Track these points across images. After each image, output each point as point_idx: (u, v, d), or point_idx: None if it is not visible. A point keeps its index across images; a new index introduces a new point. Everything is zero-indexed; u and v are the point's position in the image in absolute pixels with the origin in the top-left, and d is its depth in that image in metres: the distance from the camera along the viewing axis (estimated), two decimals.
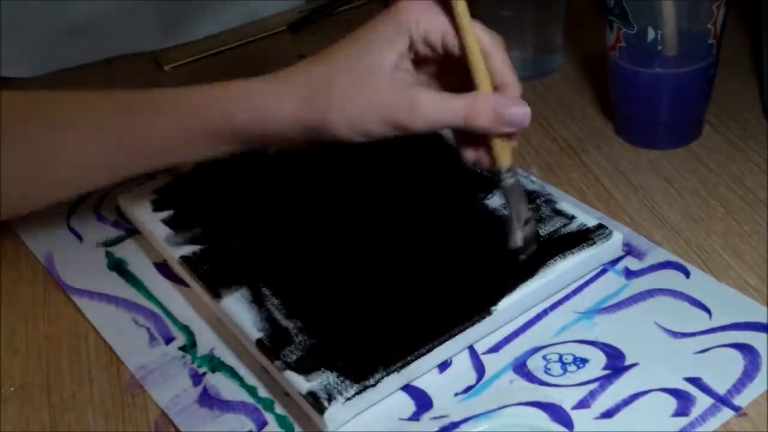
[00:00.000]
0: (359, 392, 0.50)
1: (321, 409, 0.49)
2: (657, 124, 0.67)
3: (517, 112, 0.51)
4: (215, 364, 0.56)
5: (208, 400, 0.54)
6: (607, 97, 0.70)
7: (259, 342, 0.53)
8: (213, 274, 0.59)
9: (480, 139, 0.53)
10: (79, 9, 0.88)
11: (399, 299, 0.56)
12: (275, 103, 0.52)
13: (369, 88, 0.51)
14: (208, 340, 0.57)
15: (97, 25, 0.88)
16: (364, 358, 0.52)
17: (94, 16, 0.88)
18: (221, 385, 0.55)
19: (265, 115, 0.52)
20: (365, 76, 0.51)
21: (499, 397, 0.51)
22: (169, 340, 0.58)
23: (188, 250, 0.61)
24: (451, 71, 0.53)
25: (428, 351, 0.52)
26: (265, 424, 0.52)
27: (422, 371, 0.53)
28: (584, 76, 0.77)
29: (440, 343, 0.52)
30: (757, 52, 0.73)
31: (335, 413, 0.49)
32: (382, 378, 0.51)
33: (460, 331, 0.53)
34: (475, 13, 0.79)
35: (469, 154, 0.55)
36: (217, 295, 0.57)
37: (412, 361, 0.51)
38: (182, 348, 0.57)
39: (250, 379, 0.55)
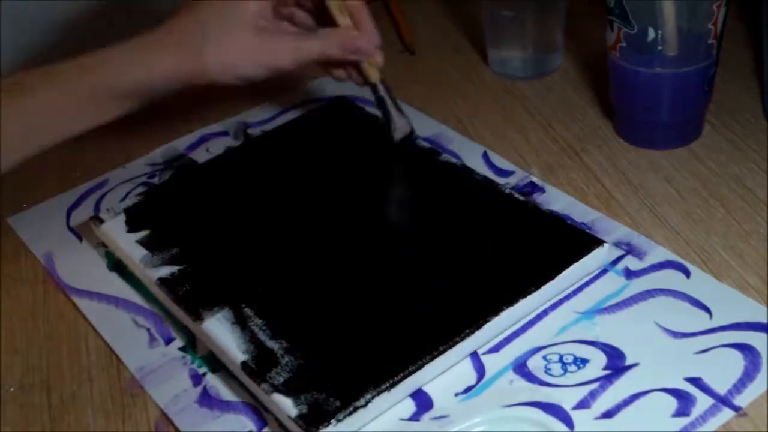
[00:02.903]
0: (350, 413, 0.49)
1: None
2: (657, 124, 0.67)
3: (362, 43, 0.63)
4: (215, 364, 0.56)
5: (208, 400, 0.54)
6: (607, 97, 0.70)
7: (244, 365, 0.52)
8: (193, 296, 0.57)
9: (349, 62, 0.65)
10: (78, 9, 0.88)
11: (386, 315, 0.55)
12: (157, 60, 0.59)
13: (239, 38, 0.60)
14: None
15: (97, 25, 0.88)
16: (353, 378, 0.51)
17: (94, 16, 0.88)
18: (221, 385, 0.54)
19: (149, 74, 0.59)
20: (234, 26, 0.60)
21: (500, 397, 0.51)
22: (169, 340, 0.58)
23: (166, 271, 0.59)
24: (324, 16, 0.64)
25: (418, 369, 0.51)
26: (265, 424, 0.52)
27: (415, 387, 0.52)
28: (584, 76, 0.77)
29: (431, 360, 0.51)
30: (757, 52, 0.73)
31: None
32: (373, 398, 0.50)
33: (452, 347, 0.52)
34: (476, 13, 0.80)
35: (339, 73, 0.67)
36: (198, 317, 0.56)
37: (404, 378, 0.51)
38: (182, 348, 0.57)
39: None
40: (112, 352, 0.58)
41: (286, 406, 0.50)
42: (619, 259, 0.59)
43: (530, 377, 0.52)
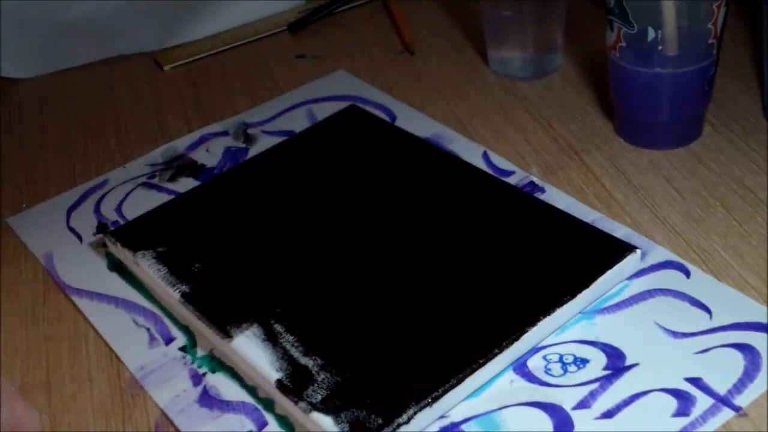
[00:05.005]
0: (394, 430, 0.48)
1: None
2: (657, 124, 0.67)
3: None
4: (215, 364, 0.56)
5: (208, 400, 0.54)
6: (607, 97, 0.70)
7: (279, 383, 0.51)
8: (219, 313, 0.56)
9: None
10: (79, 9, 0.88)
11: (421, 329, 0.53)
12: None
13: None
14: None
15: (97, 25, 0.89)
16: (394, 394, 0.49)
17: (94, 16, 0.88)
18: (221, 385, 0.54)
19: None
20: None
21: (499, 397, 0.51)
22: (169, 340, 0.58)
23: (187, 286, 0.58)
24: None
25: (459, 382, 0.50)
26: (265, 424, 0.52)
27: (456, 401, 0.51)
28: (584, 76, 0.77)
29: (473, 371, 0.50)
30: (757, 52, 0.73)
31: None
32: (415, 414, 0.48)
33: (491, 359, 0.51)
34: (476, 13, 0.80)
35: None
36: (227, 335, 0.55)
37: (445, 393, 0.49)
38: (182, 348, 0.57)
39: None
40: (112, 352, 0.58)
41: (327, 424, 0.49)
42: None
43: (530, 377, 0.52)
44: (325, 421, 0.49)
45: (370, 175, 0.67)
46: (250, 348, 0.54)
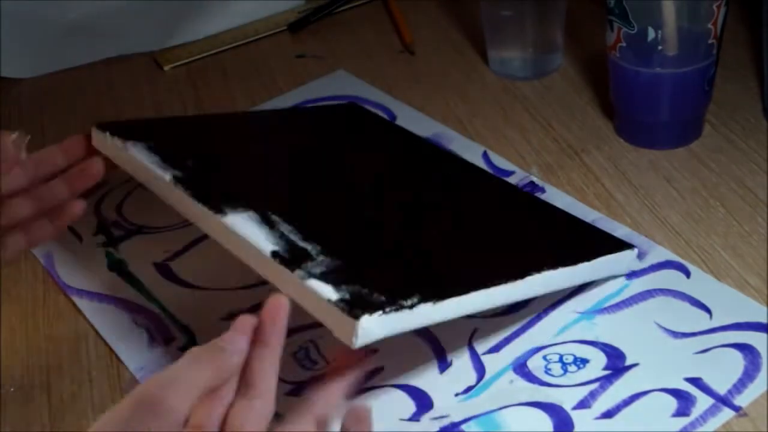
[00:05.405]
0: (396, 310, 0.43)
1: (356, 315, 0.41)
2: (657, 124, 0.67)
3: None
4: None
5: None
6: (607, 97, 0.70)
7: (274, 254, 0.45)
8: (213, 194, 0.50)
9: None
10: (79, 9, 0.88)
11: (431, 237, 0.52)
12: None
13: None
14: (207, 340, 0.57)
15: (97, 25, 0.89)
16: (400, 278, 0.46)
17: (94, 16, 0.88)
18: None
19: None
20: None
21: (500, 398, 0.51)
22: (168, 340, 0.58)
23: (180, 172, 0.52)
24: None
25: (465, 292, 0.47)
26: None
27: (457, 314, 0.47)
28: (584, 76, 0.77)
29: (473, 290, 0.47)
30: (757, 52, 0.73)
31: (369, 324, 0.41)
32: (418, 303, 0.44)
33: (493, 286, 0.48)
34: (476, 13, 0.80)
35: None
36: (219, 211, 0.48)
37: (448, 297, 0.46)
38: (182, 348, 0.57)
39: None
40: (112, 352, 0.58)
41: (325, 291, 0.42)
42: None
43: (530, 377, 0.52)
44: (323, 288, 0.43)
45: (370, 174, 0.67)
46: (244, 225, 0.48)
